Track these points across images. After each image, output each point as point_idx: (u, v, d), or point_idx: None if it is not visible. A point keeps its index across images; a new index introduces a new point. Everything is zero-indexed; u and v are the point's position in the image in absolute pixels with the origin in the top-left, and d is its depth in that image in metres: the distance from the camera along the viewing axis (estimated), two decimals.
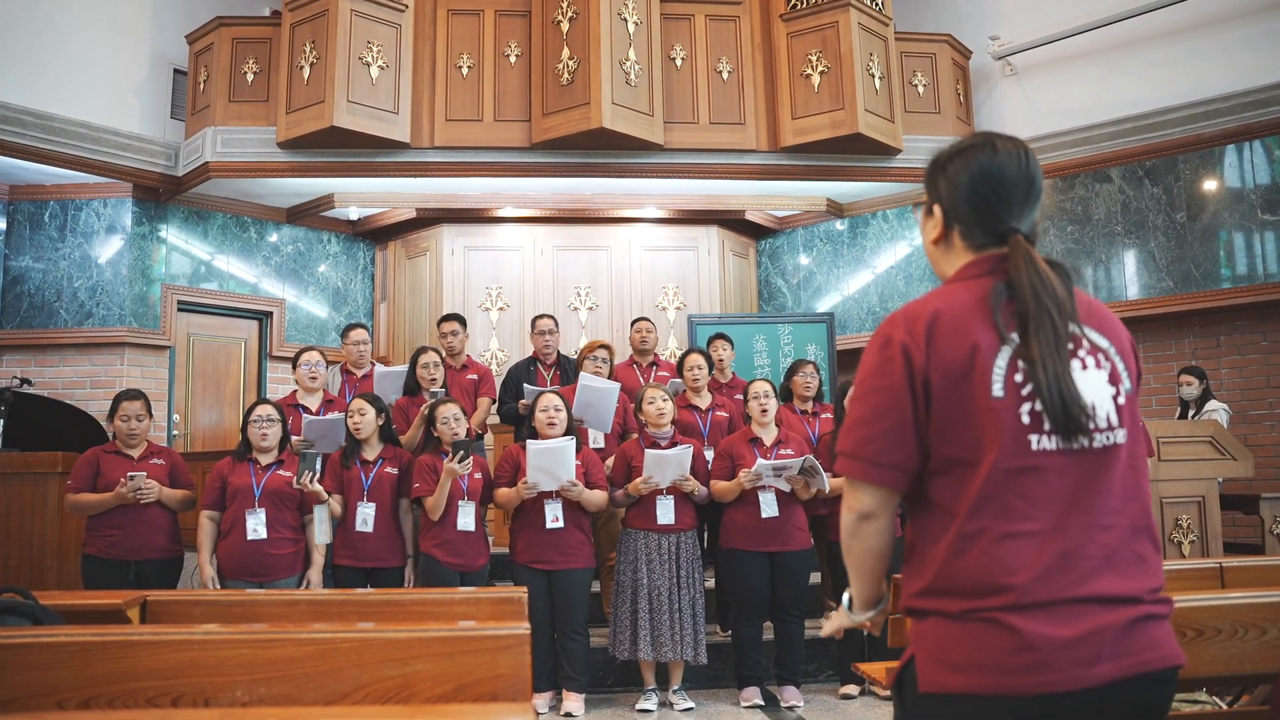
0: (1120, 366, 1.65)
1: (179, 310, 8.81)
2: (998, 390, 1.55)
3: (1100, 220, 8.56)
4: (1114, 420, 1.60)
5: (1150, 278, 8.28)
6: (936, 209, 1.75)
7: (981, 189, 1.68)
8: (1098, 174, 8.58)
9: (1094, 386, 1.60)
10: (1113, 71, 8.57)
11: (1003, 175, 1.67)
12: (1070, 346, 1.59)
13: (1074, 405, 1.54)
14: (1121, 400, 1.63)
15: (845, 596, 1.84)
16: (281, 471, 5.02)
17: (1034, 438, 1.55)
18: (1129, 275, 8.40)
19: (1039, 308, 1.56)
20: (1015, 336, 1.57)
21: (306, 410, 5.78)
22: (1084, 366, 1.60)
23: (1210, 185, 8.07)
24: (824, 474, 5.15)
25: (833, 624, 1.90)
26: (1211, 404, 7.23)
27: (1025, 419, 1.55)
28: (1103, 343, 1.65)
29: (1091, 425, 1.57)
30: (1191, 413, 7.28)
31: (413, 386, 5.94)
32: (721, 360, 6.55)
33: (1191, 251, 8.09)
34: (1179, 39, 8.26)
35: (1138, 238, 8.37)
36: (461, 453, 4.99)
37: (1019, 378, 1.56)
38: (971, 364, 1.56)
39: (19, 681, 2.25)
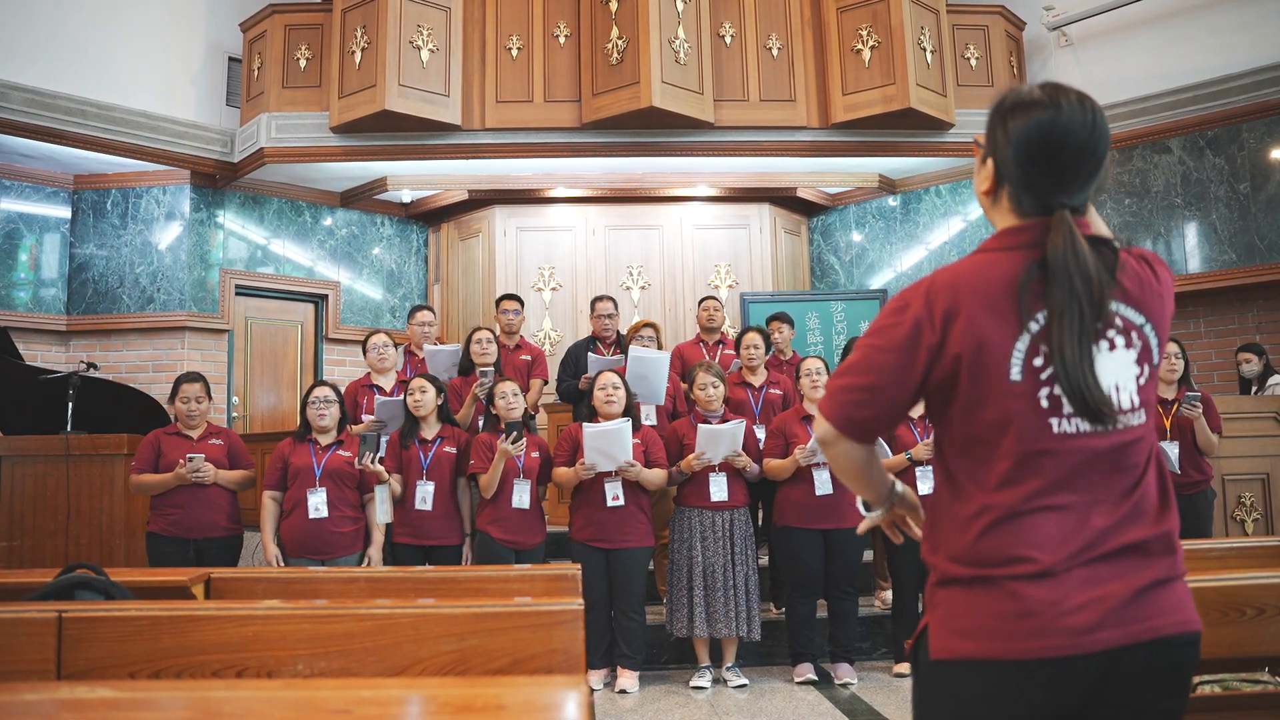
0: (1153, 343, 1.61)
1: (237, 294, 8.97)
2: (1015, 375, 1.54)
3: (1159, 192, 8.39)
4: (1135, 401, 1.58)
5: (1212, 250, 8.11)
6: (989, 162, 1.66)
7: (1036, 152, 1.57)
8: (1156, 145, 8.41)
9: (1119, 368, 1.57)
10: (1172, 39, 8.38)
11: (1064, 140, 1.56)
12: (1099, 326, 1.55)
13: (1092, 396, 1.50)
14: (1144, 380, 1.60)
15: (858, 501, 1.90)
16: (341, 452, 5.11)
17: (1054, 421, 1.54)
18: (1189, 248, 8.23)
19: (1070, 294, 1.51)
20: (1039, 321, 1.54)
21: (381, 391, 5.87)
22: (1111, 347, 1.57)
23: (1277, 154, 7.87)
24: (884, 445, 5.12)
25: (864, 525, 1.95)
26: (1276, 378, 7.07)
27: (1044, 403, 1.54)
28: (1137, 319, 1.60)
29: (1114, 410, 1.55)
30: (1254, 389, 7.14)
31: (467, 366, 6.01)
32: (779, 340, 6.56)
33: (1255, 223, 7.90)
34: (1242, 2, 8.04)
35: (1199, 209, 8.20)
36: (515, 434, 5.04)
37: (1038, 361, 1.54)
38: (990, 347, 1.54)
39: (94, 652, 2.33)
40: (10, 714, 1.41)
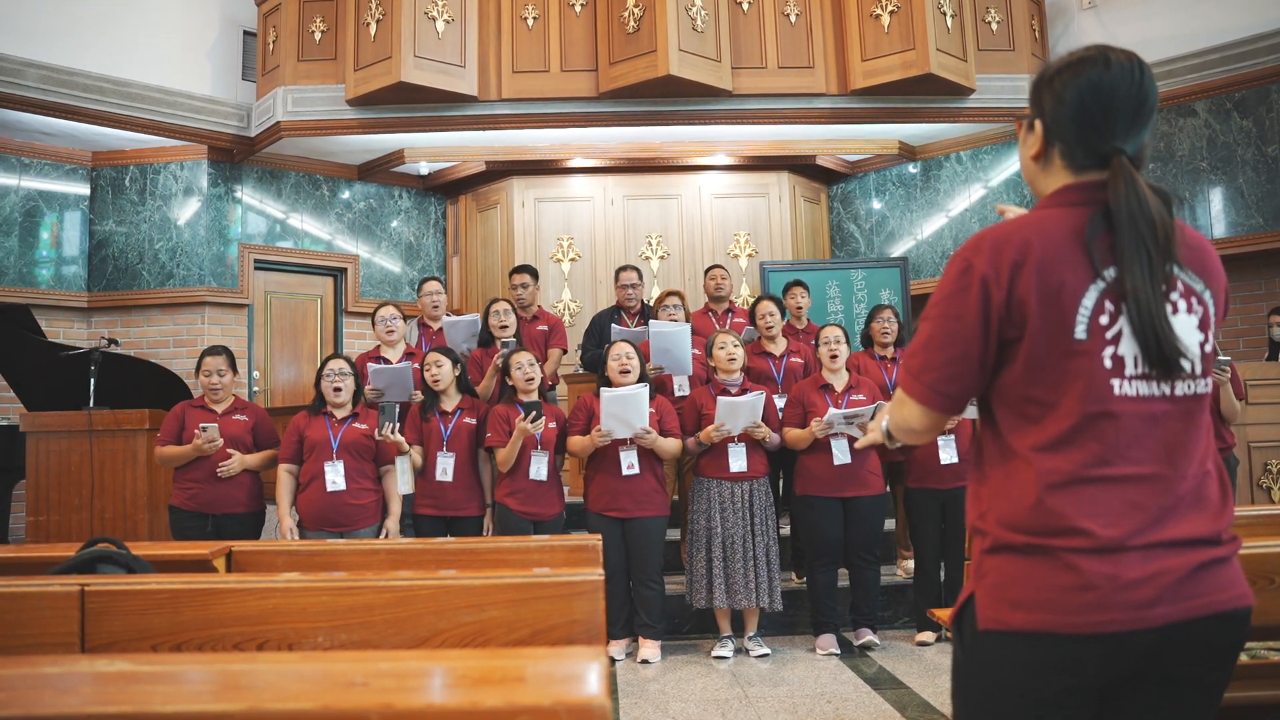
0: (1212, 311, 1.60)
1: (256, 269, 8.98)
2: (1080, 333, 1.51)
3: (1184, 157, 8.27)
4: (1198, 369, 1.56)
5: (1238, 215, 7.99)
6: (1038, 124, 1.66)
7: (1089, 105, 1.58)
8: (1181, 108, 8.28)
9: (1184, 330, 1.55)
10: None
11: (1113, 92, 1.57)
12: (1168, 272, 1.53)
13: (1168, 343, 1.49)
14: (1208, 348, 1.59)
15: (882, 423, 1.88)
16: (357, 424, 5.11)
17: (1115, 382, 1.52)
18: (1215, 213, 8.11)
19: (1135, 237, 1.50)
20: (1108, 276, 1.52)
21: (388, 363, 5.87)
22: (1174, 310, 1.54)
23: None
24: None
25: (869, 439, 2.04)
26: None
27: (1107, 363, 1.51)
28: (1197, 285, 1.58)
29: (1185, 367, 1.53)
30: None
31: (487, 338, 6.01)
32: (800, 308, 6.53)
33: None
34: None
35: (1225, 173, 8.08)
36: (533, 414, 5.04)
37: (1104, 320, 1.52)
38: (1056, 303, 1.51)
39: (115, 626, 2.34)
40: (34, 686, 1.41)
